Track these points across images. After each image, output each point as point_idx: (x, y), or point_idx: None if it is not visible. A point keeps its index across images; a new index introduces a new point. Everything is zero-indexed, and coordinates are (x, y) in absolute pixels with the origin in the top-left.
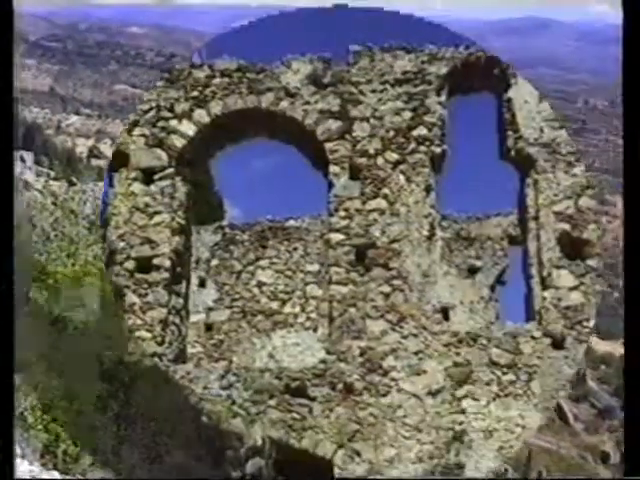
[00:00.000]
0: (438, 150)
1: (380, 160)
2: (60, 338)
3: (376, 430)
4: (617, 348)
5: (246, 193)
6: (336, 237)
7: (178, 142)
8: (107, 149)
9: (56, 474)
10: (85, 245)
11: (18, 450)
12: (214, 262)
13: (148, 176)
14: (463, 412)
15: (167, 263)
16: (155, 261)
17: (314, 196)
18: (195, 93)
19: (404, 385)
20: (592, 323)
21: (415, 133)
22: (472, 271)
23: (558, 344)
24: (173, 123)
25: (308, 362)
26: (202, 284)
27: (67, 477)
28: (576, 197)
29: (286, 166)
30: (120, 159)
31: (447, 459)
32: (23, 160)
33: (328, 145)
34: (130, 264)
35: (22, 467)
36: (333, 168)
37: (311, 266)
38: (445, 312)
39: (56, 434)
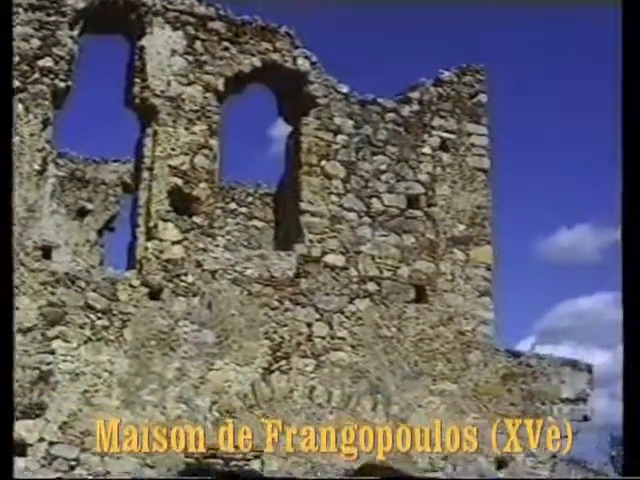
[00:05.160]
0: (62, 85)
1: None
2: None
3: None
4: None
5: None
6: None
7: None
8: None
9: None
10: None
11: None
12: None
13: None
14: (52, 353)
15: None
16: None
17: None
18: None
19: None
20: (190, 278)
21: (41, 63)
22: (82, 213)
23: (155, 295)
24: None
25: None
26: None
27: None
28: (192, 154)
29: None
30: None
31: (30, 398)
32: None
33: None
34: None
35: None
36: None
37: None
38: (47, 250)
39: None
